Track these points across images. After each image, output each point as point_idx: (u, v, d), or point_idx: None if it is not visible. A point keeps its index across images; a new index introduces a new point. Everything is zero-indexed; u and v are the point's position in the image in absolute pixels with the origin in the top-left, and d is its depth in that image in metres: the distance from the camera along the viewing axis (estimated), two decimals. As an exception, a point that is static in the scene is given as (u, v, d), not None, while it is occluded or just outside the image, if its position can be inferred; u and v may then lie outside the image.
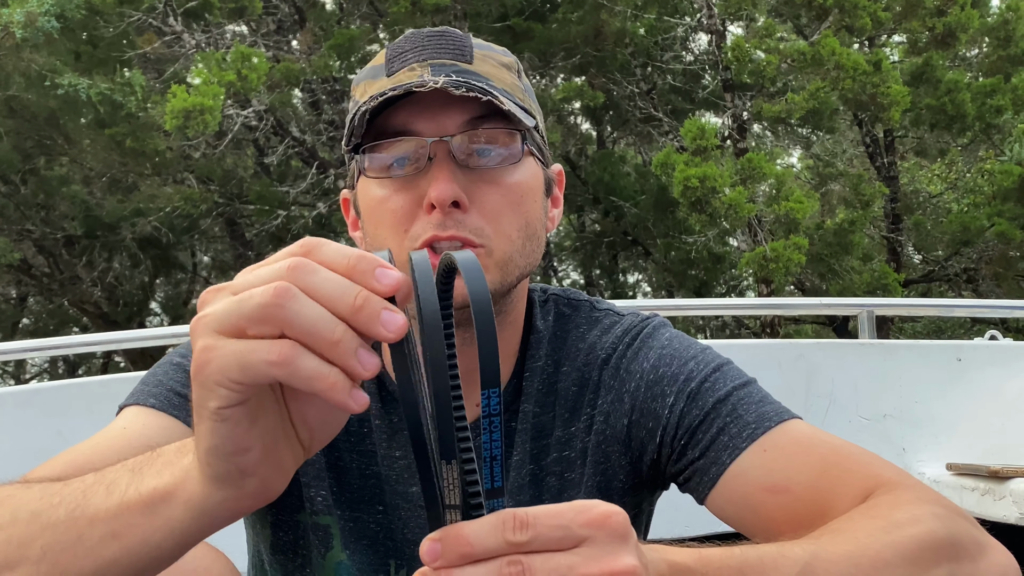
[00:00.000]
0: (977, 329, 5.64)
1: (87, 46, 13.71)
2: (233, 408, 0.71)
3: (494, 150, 1.18)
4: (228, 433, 0.73)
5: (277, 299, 0.67)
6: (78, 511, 0.82)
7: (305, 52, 13.99)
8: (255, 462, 0.76)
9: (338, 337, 0.67)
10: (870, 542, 0.94)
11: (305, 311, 0.67)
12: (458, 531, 0.67)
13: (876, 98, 11.50)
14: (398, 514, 1.26)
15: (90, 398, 2.45)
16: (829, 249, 12.65)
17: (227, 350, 0.69)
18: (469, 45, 1.22)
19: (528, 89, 1.28)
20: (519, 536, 0.67)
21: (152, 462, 0.83)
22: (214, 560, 1.17)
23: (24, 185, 14.31)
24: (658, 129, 15.01)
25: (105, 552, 0.81)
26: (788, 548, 0.90)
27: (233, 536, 1.31)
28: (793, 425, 1.17)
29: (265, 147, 15.00)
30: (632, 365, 1.27)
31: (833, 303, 4.75)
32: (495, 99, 1.12)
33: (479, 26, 13.35)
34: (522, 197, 1.20)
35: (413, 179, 1.17)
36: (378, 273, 0.68)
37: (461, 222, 1.15)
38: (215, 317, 0.70)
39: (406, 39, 1.23)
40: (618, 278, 17.60)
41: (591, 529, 0.69)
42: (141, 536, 0.80)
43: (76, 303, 15.46)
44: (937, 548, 0.95)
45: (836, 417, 2.68)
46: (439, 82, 1.11)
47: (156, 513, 0.79)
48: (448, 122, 1.16)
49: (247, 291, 0.69)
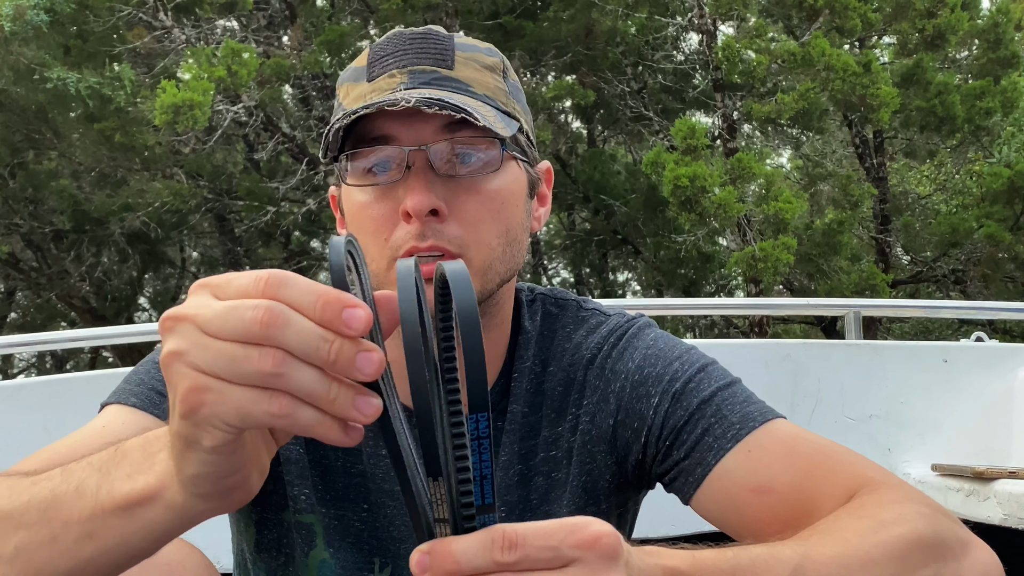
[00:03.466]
0: (964, 330, 5.65)
1: (76, 40, 13.65)
2: (227, 444, 0.72)
3: (472, 158, 1.18)
4: (221, 463, 0.74)
5: (276, 368, 0.67)
6: (50, 512, 0.83)
7: (295, 48, 13.96)
8: (240, 479, 0.77)
9: (334, 396, 0.68)
10: (859, 542, 0.95)
11: (302, 377, 0.67)
12: (447, 547, 0.67)
13: (866, 99, 11.51)
14: (383, 512, 1.25)
15: (76, 394, 2.44)
16: (818, 249, 12.66)
17: (226, 397, 0.69)
18: (451, 48, 1.21)
19: (514, 88, 1.27)
20: (507, 556, 0.67)
21: (119, 463, 0.82)
22: (188, 554, 1.17)
23: (12, 179, 14.23)
24: (648, 128, 15.01)
25: (81, 553, 0.82)
26: (779, 549, 0.91)
27: (212, 532, 1.31)
28: (777, 425, 1.17)
29: (255, 143, 14.96)
30: (617, 365, 1.27)
31: (820, 303, 4.75)
32: (468, 116, 1.12)
33: (470, 23, 13.34)
34: (502, 204, 1.20)
35: (392, 187, 1.17)
36: (346, 317, 0.67)
37: (439, 231, 1.15)
38: (201, 361, 0.69)
39: (389, 41, 1.23)
40: (608, 276, 17.60)
41: (581, 550, 0.69)
42: (118, 537, 0.81)
43: (64, 298, 15.39)
44: (924, 547, 0.96)
45: (822, 417, 2.68)
46: (411, 100, 1.11)
47: (133, 516, 0.80)
48: (426, 130, 1.16)
49: (239, 349, 0.68)
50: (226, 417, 0.69)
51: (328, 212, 13.08)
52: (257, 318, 0.67)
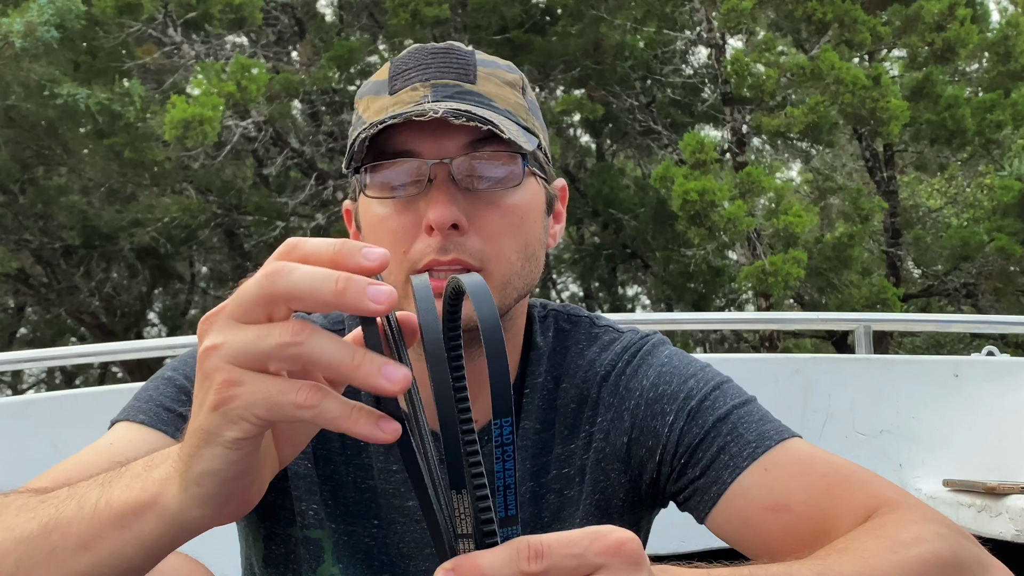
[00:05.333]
0: (976, 344, 5.63)
1: (86, 56, 13.73)
2: (250, 439, 0.72)
3: (494, 172, 1.18)
4: (236, 460, 0.73)
5: (295, 336, 0.67)
6: (51, 524, 0.83)
7: (305, 63, 14.01)
8: (247, 487, 0.77)
9: (359, 362, 0.67)
10: (877, 562, 0.94)
11: (322, 343, 0.67)
12: (472, 561, 0.67)
13: (875, 112, 11.51)
14: (394, 528, 1.25)
15: (85, 409, 2.44)
16: (828, 263, 12.64)
17: (256, 387, 0.69)
18: (473, 64, 1.21)
19: (533, 105, 1.27)
20: (534, 566, 0.67)
21: (120, 476, 0.83)
22: (192, 571, 1.17)
23: (22, 195, 14.30)
24: (657, 142, 15.03)
25: (76, 565, 0.82)
26: (796, 568, 0.90)
27: (220, 548, 1.30)
28: (793, 444, 1.17)
29: (264, 158, 14.99)
30: (631, 383, 1.27)
31: (830, 318, 4.74)
32: (495, 128, 1.12)
33: (479, 38, 13.38)
34: (522, 219, 1.20)
35: (413, 200, 1.17)
36: (364, 251, 0.68)
37: (460, 245, 1.14)
38: (232, 350, 0.70)
39: (410, 55, 1.22)
40: (617, 291, 17.59)
41: (606, 557, 0.69)
42: (111, 548, 0.81)
43: (74, 313, 15.43)
44: (943, 567, 0.96)
45: (833, 432, 2.67)
46: (439, 111, 1.10)
47: (127, 526, 0.80)
48: (449, 144, 1.15)
49: (264, 327, 0.69)
50: (255, 409, 0.69)
51: (338, 226, 13.10)
52: (265, 277, 0.68)
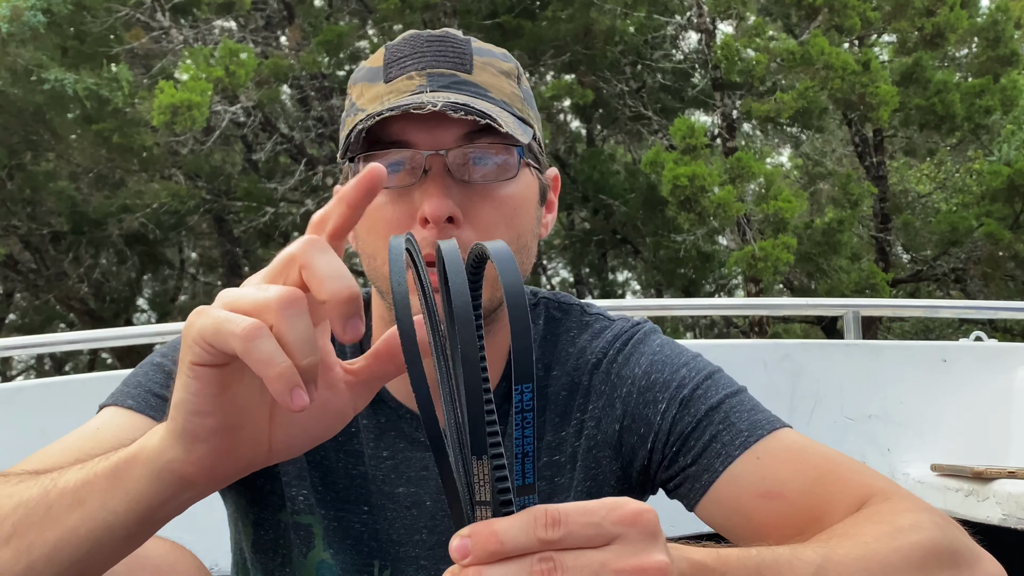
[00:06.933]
0: (965, 329, 5.65)
1: (74, 41, 13.65)
2: (204, 368, 0.77)
3: (489, 164, 1.18)
4: (197, 391, 0.78)
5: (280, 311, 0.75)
6: (51, 485, 0.87)
7: (293, 48, 13.95)
8: (210, 430, 0.80)
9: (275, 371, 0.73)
10: (878, 547, 0.96)
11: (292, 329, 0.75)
12: (489, 528, 0.67)
13: (865, 98, 11.52)
14: (384, 514, 1.25)
15: (74, 396, 2.43)
16: (818, 248, 12.67)
17: (211, 315, 0.75)
18: (469, 52, 1.21)
19: (528, 94, 1.27)
20: (551, 533, 0.67)
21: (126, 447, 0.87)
22: (179, 556, 1.17)
23: (10, 181, 14.23)
24: (647, 127, 15.02)
25: (67, 520, 0.85)
26: (801, 550, 0.92)
27: (210, 535, 1.31)
28: (785, 434, 1.18)
29: (253, 143, 14.94)
30: (623, 370, 1.27)
31: (819, 303, 4.75)
32: (493, 122, 1.11)
33: (469, 23, 13.33)
34: (516, 211, 1.20)
35: (408, 191, 1.17)
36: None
37: (455, 237, 1.14)
38: (233, 295, 0.77)
39: (406, 42, 1.22)
40: (607, 276, 17.60)
41: (623, 526, 0.69)
42: (101, 500, 0.84)
43: (62, 300, 15.39)
44: (939, 555, 0.98)
45: (821, 417, 2.67)
46: (437, 104, 1.10)
47: (118, 477, 0.84)
48: (445, 135, 1.15)
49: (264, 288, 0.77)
50: (204, 333, 0.75)
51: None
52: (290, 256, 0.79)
